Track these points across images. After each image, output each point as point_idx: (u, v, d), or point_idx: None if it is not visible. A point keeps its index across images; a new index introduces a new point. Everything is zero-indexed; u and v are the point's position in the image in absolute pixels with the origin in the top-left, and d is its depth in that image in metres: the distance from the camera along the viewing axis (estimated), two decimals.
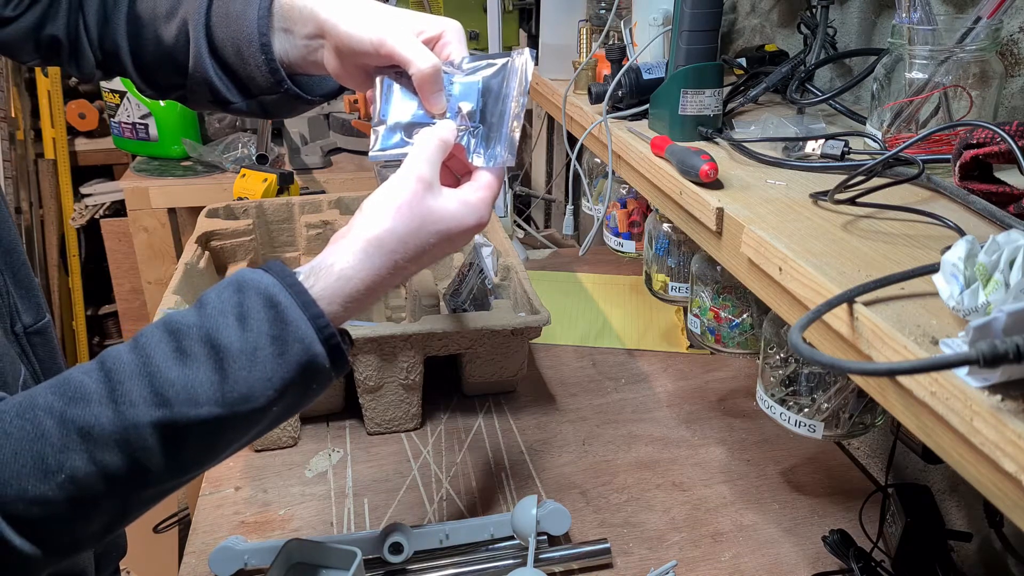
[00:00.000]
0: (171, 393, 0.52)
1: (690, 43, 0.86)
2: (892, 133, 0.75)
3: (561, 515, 0.90)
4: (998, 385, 0.41)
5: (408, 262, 0.60)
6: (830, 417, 0.85)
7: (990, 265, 0.43)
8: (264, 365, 0.54)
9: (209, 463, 0.58)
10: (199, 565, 0.89)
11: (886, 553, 0.85)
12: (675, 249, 1.19)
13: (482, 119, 0.67)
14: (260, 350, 0.54)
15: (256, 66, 0.71)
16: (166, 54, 0.75)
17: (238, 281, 0.56)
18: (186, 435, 0.53)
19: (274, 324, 0.54)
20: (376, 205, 0.60)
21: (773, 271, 0.62)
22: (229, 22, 0.72)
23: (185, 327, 0.54)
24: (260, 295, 0.55)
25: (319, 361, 0.55)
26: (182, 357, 0.53)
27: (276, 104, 0.75)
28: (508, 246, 1.29)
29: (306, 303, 0.55)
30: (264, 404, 0.54)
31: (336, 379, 0.59)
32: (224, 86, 0.74)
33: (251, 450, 1.08)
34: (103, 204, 2.69)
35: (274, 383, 0.54)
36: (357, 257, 0.58)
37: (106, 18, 0.76)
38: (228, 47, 0.73)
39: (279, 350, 0.54)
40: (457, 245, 0.64)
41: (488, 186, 0.65)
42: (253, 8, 0.71)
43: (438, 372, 1.17)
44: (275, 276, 0.56)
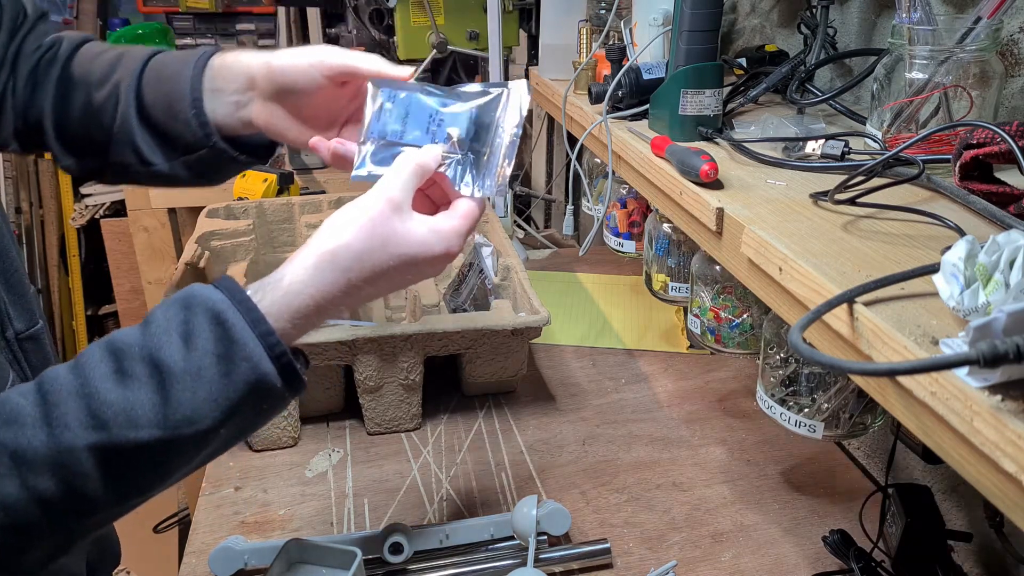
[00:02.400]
0: (109, 415, 0.50)
1: (690, 43, 0.86)
2: (892, 133, 0.75)
3: (561, 515, 0.90)
4: (998, 385, 0.41)
5: (364, 282, 0.58)
6: (830, 417, 0.85)
7: (990, 265, 0.43)
8: (210, 385, 0.52)
9: (156, 488, 0.55)
10: (199, 565, 0.89)
11: (886, 553, 0.85)
12: (675, 249, 1.19)
13: (472, 148, 0.66)
14: (205, 370, 0.52)
15: (185, 121, 0.70)
16: (93, 117, 0.74)
17: (185, 298, 0.54)
18: (126, 459, 0.51)
19: (220, 343, 0.52)
20: (337, 220, 0.59)
21: (773, 271, 0.62)
22: (162, 81, 0.72)
23: (127, 346, 0.52)
24: (207, 312, 0.53)
25: (269, 380, 0.53)
26: (122, 378, 0.51)
27: (201, 163, 0.73)
28: (508, 246, 1.30)
29: (255, 320, 0.53)
30: (210, 426, 0.52)
31: (291, 399, 0.57)
32: (147, 146, 0.72)
33: (251, 450, 1.08)
34: (103, 204, 2.69)
35: (220, 404, 0.52)
36: (308, 271, 0.56)
37: (36, 82, 0.75)
38: (158, 105, 0.72)
39: (225, 370, 0.52)
40: (423, 272, 0.61)
41: (465, 216, 0.62)
42: (188, 68, 0.71)
43: (438, 372, 1.17)
44: (224, 292, 0.54)
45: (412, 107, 0.66)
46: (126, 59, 0.74)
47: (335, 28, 2.60)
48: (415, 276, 0.61)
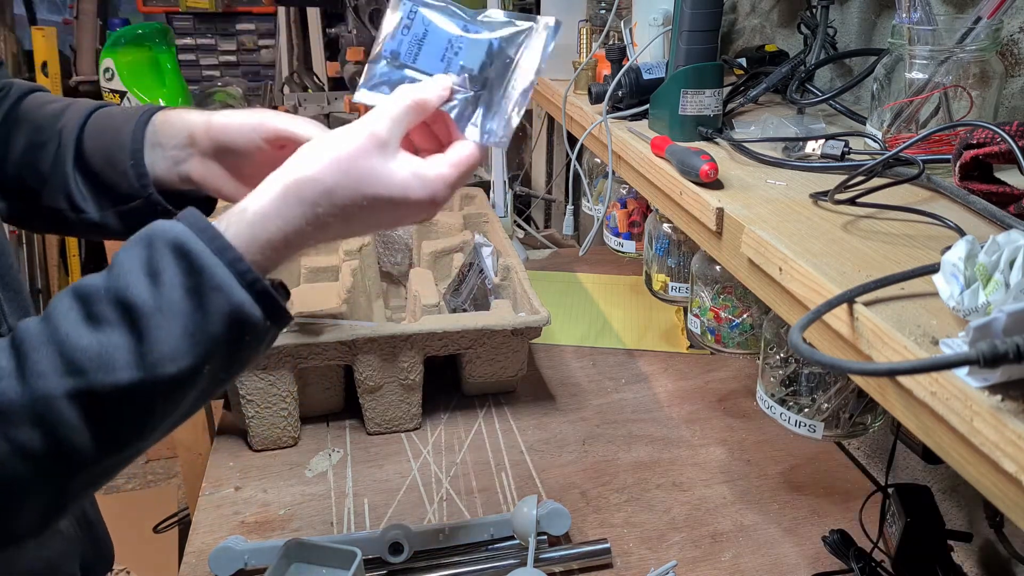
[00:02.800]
0: (84, 360, 0.48)
1: (690, 43, 0.86)
2: (892, 133, 0.75)
3: (561, 515, 0.90)
4: (998, 385, 0.41)
5: (333, 218, 0.55)
6: (830, 417, 0.85)
7: (990, 265, 0.43)
8: (184, 320, 0.50)
9: (147, 436, 0.53)
10: (199, 565, 0.89)
11: (886, 553, 0.85)
12: (675, 249, 1.19)
13: (485, 85, 0.59)
14: (177, 304, 0.50)
15: (123, 172, 0.69)
16: (30, 161, 0.73)
17: (147, 235, 0.52)
18: (108, 405, 0.49)
19: (188, 275, 0.50)
20: (309, 150, 0.56)
21: (773, 271, 0.62)
22: (105, 132, 0.71)
23: (94, 290, 0.50)
24: (169, 245, 0.50)
25: (246, 310, 0.51)
26: (93, 322, 0.49)
27: (134, 215, 0.71)
28: (508, 246, 1.29)
29: (221, 248, 0.51)
30: (192, 363, 0.50)
31: (276, 331, 0.55)
32: (80, 194, 0.71)
33: (251, 450, 1.08)
34: None
35: (197, 338, 0.50)
36: (273, 202, 0.54)
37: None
38: (98, 154, 0.71)
39: (197, 302, 0.50)
40: (403, 218, 0.58)
41: (457, 164, 0.58)
42: (131, 121, 0.71)
43: (438, 372, 1.17)
44: (186, 223, 0.52)
45: (431, 29, 0.60)
46: (72, 109, 0.74)
47: (335, 28, 2.60)
48: (394, 219, 0.58)
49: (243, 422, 1.06)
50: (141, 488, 2.65)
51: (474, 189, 1.52)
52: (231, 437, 1.11)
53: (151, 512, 2.36)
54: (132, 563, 2.04)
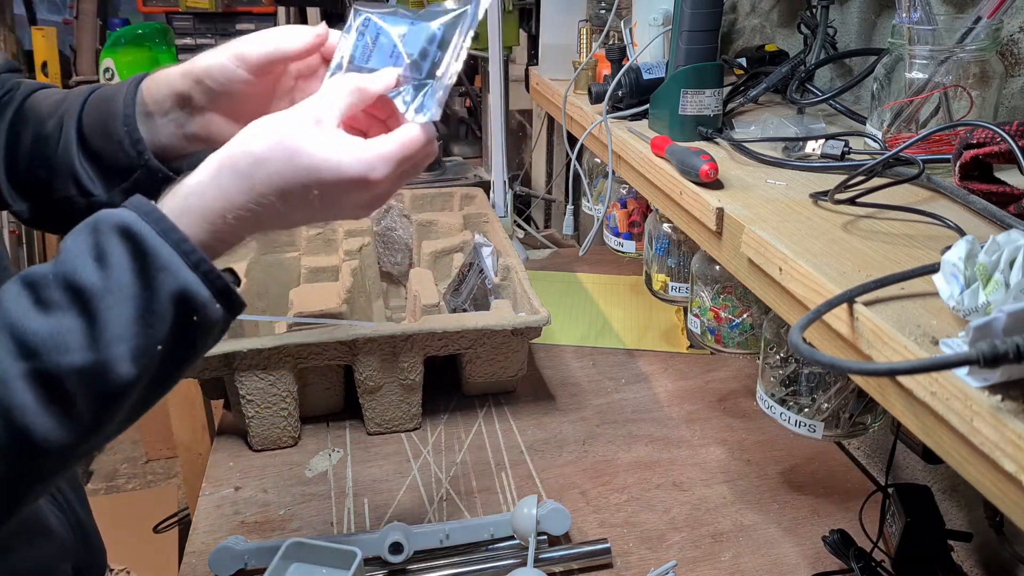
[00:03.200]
0: (37, 343, 0.48)
1: (690, 43, 0.86)
2: (892, 133, 0.75)
3: (561, 515, 0.90)
4: (998, 385, 0.41)
5: (271, 193, 0.55)
6: (830, 417, 0.85)
7: (990, 265, 0.43)
8: (133, 300, 0.50)
9: (105, 421, 0.52)
10: (199, 565, 0.89)
11: (886, 553, 0.85)
12: (675, 249, 1.19)
13: (429, 72, 0.60)
14: (126, 286, 0.50)
15: (119, 141, 0.69)
16: (39, 151, 0.73)
17: (93, 221, 0.52)
18: (65, 388, 0.49)
19: (134, 256, 0.51)
20: (246, 128, 0.56)
21: (773, 271, 0.62)
22: (99, 106, 0.71)
23: (41, 276, 0.50)
24: (115, 229, 0.51)
25: (193, 289, 0.51)
26: (43, 307, 0.49)
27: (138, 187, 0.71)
28: (508, 246, 1.29)
29: (166, 229, 0.52)
30: (144, 342, 0.51)
31: (227, 315, 0.55)
32: (87, 176, 0.71)
33: (251, 450, 1.08)
34: None
35: (147, 318, 0.50)
36: (207, 174, 0.55)
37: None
38: (96, 130, 0.71)
39: (145, 282, 0.50)
40: (338, 198, 0.57)
41: (394, 141, 0.57)
42: (121, 89, 0.70)
43: (438, 372, 1.17)
44: (131, 208, 0.52)
45: (381, 32, 0.63)
46: (73, 95, 0.74)
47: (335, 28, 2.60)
48: (331, 200, 0.57)
49: (243, 422, 1.06)
50: (141, 488, 2.65)
51: (474, 189, 1.52)
52: (231, 437, 1.11)
53: (151, 512, 2.36)
54: (132, 563, 2.04)
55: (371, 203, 0.59)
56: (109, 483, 2.67)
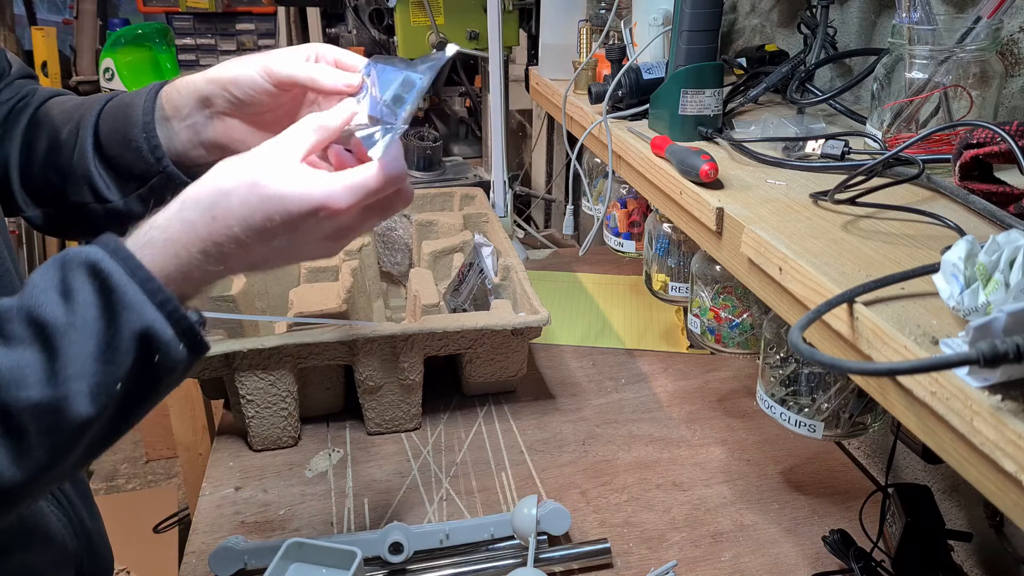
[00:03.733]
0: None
1: (690, 43, 0.86)
2: (892, 133, 0.75)
3: (561, 515, 0.90)
4: (998, 385, 0.41)
5: (234, 222, 0.54)
6: (830, 417, 0.85)
7: (990, 265, 0.43)
8: (95, 337, 0.50)
9: (62, 458, 0.51)
10: (199, 565, 0.89)
11: (886, 553, 0.85)
12: (675, 249, 1.19)
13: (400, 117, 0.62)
14: (89, 322, 0.50)
15: (137, 148, 0.69)
16: (53, 159, 0.74)
17: (61, 256, 0.52)
18: (22, 423, 0.48)
19: (100, 294, 0.50)
20: (214, 167, 0.57)
21: (773, 271, 0.62)
22: (117, 113, 0.72)
23: (5, 310, 0.50)
24: (83, 265, 0.51)
25: (157, 328, 0.51)
26: (4, 341, 0.49)
27: (154, 193, 0.72)
28: (508, 246, 1.29)
29: (134, 268, 0.51)
30: (103, 379, 0.50)
31: (191, 357, 0.54)
32: (103, 182, 0.72)
33: (251, 450, 1.08)
34: None
35: (108, 356, 0.50)
36: (173, 210, 0.55)
37: (5, 130, 0.75)
38: (114, 137, 0.72)
39: (108, 320, 0.50)
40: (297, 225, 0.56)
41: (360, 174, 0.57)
42: (140, 97, 0.71)
43: (438, 372, 1.17)
44: (100, 245, 0.52)
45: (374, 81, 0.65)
46: (89, 102, 0.75)
47: (335, 28, 2.60)
48: (291, 228, 0.56)
49: (243, 422, 1.06)
50: (141, 488, 2.65)
51: (474, 189, 1.52)
52: (231, 437, 1.11)
53: (151, 512, 2.36)
54: (132, 563, 2.04)
55: (335, 236, 0.59)
56: (109, 483, 2.67)
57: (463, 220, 1.43)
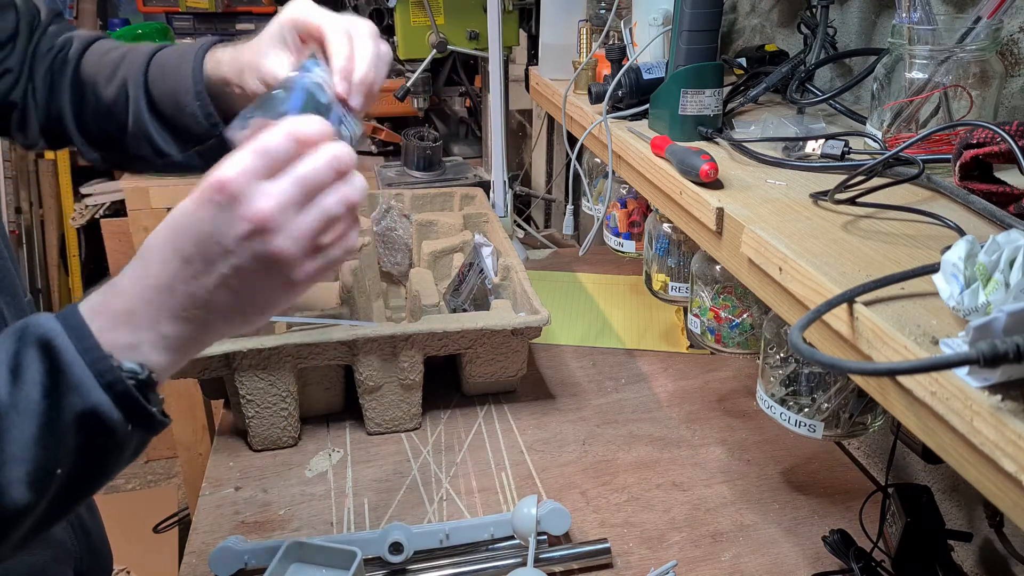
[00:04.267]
0: None
1: (690, 43, 0.86)
2: (892, 133, 0.75)
3: (561, 515, 0.90)
4: (998, 385, 0.41)
5: (167, 246, 0.50)
6: (830, 417, 0.85)
7: (990, 265, 0.43)
8: (37, 420, 0.47)
9: (9, 536, 0.49)
10: (199, 565, 0.89)
11: (886, 553, 0.85)
12: (675, 249, 1.19)
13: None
14: (33, 404, 0.47)
15: (192, 115, 0.71)
16: (106, 113, 0.77)
17: (21, 327, 0.49)
18: None
19: (49, 373, 0.47)
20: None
21: (773, 271, 0.62)
22: (165, 76, 0.74)
23: None
24: (37, 341, 0.48)
25: (102, 410, 0.48)
26: None
27: (212, 152, 0.72)
28: (508, 246, 1.29)
29: (88, 347, 0.48)
30: (42, 467, 0.47)
31: (143, 435, 0.51)
32: (162, 139, 0.75)
33: (251, 450, 1.08)
34: (103, 204, 2.69)
35: (47, 440, 0.47)
36: (131, 264, 0.51)
37: (52, 83, 0.78)
38: (165, 100, 0.74)
39: (53, 402, 0.47)
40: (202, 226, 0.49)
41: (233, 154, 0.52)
42: (188, 63, 0.73)
43: (438, 372, 1.17)
44: (59, 320, 0.49)
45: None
46: (130, 56, 0.77)
47: None
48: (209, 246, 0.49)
49: (243, 422, 1.06)
50: (141, 488, 2.65)
51: (474, 189, 1.52)
52: (231, 437, 1.11)
53: (151, 512, 2.36)
54: (132, 563, 2.04)
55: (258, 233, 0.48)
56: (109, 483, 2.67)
57: (463, 220, 1.43)
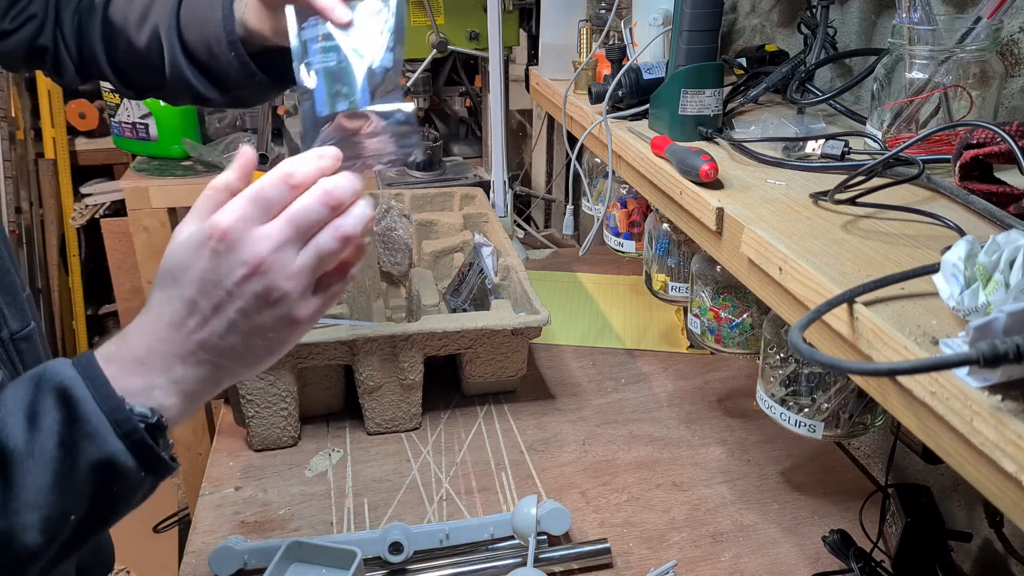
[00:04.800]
0: None
1: (690, 43, 0.86)
2: (892, 133, 0.75)
3: (561, 515, 0.90)
4: (998, 385, 0.41)
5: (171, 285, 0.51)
6: (830, 417, 0.85)
7: (990, 265, 0.43)
8: (53, 467, 0.48)
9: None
10: (199, 565, 0.89)
11: (886, 553, 0.85)
12: (675, 249, 1.19)
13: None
14: (49, 452, 0.48)
15: (227, 62, 0.74)
16: (140, 58, 0.79)
17: (37, 374, 0.50)
18: None
19: (65, 422, 0.48)
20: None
21: (773, 271, 0.62)
22: (198, 25, 0.75)
23: None
24: (55, 389, 0.49)
25: (118, 459, 0.49)
26: None
27: (251, 94, 0.78)
28: (508, 246, 1.29)
29: (105, 395, 0.49)
30: (57, 513, 0.48)
31: (155, 480, 0.52)
32: (201, 84, 0.77)
33: (251, 450, 1.08)
34: (103, 204, 2.69)
35: (63, 488, 0.48)
36: (141, 313, 0.52)
37: (80, 27, 0.80)
38: (200, 48, 0.76)
39: (69, 450, 0.48)
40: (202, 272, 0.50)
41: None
42: (217, 10, 0.74)
43: (438, 372, 1.17)
44: (77, 367, 0.50)
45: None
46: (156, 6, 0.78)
47: None
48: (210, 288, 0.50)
49: (243, 422, 1.06)
50: None
51: (474, 189, 1.52)
52: (231, 437, 1.11)
53: (151, 512, 2.36)
54: (132, 563, 2.04)
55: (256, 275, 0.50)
56: None
57: (463, 220, 1.43)
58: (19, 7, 0.78)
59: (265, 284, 0.50)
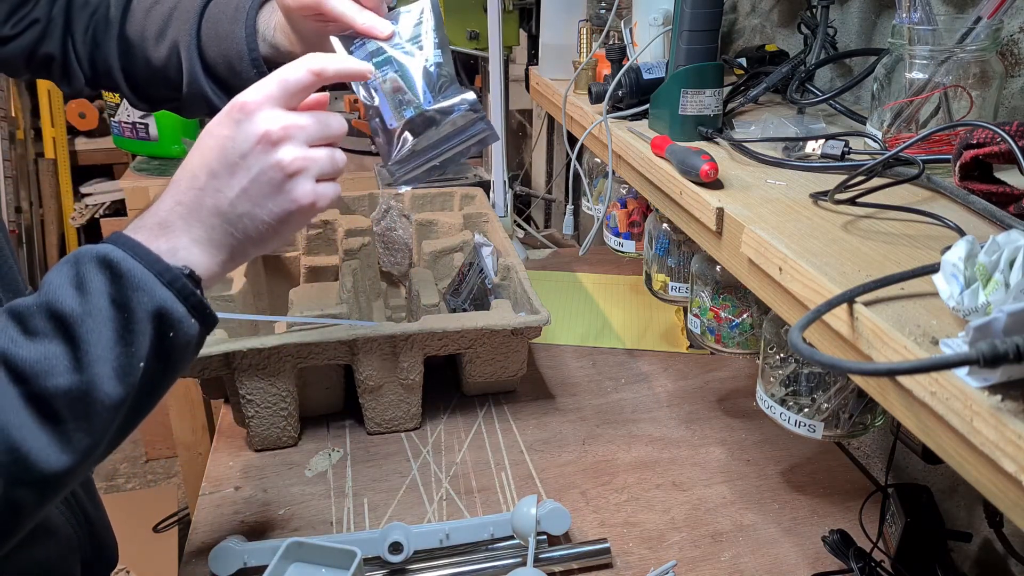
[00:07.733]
0: (26, 369, 0.51)
1: (690, 43, 0.86)
2: (892, 133, 0.75)
3: (561, 515, 0.90)
4: (998, 385, 0.41)
5: (195, 159, 0.59)
6: (830, 417, 0.85)
7: (990, 265, 0.43)
8: (112, 322, 0.53)
9: (100, 440, 0.55)
10: (199, 565, 0.89)
11: (886, 553, 0.85)
12: (675, 249, 1.19)
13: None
14: (104, 309, 0.53)
15: (248, 79, 0.73)
16: (157, 73, 0.79)
17: (75, 255, 0.56)
18: (56, 409, 0.52)
19: (111, 282, 0.54)
20: None
21: (773, 271, 0.62)
22: (219, 41, 0.76)
23: (26, 308, 0.53)
24: (94, 259, 0.54)
25: (168, 306, 0.55)
26: (30, 336, 0.52)
27: None
28: (508, 246, 1.29)
29: (140, 253, 0.55)
30: (126, 362, 0.53)
31: (203, 330, 0.58)
32: (219, 99, 0.77)
33: (251, 450, 1.08)
34: (103, 204, 2.70)
35: (127, 338, 0.53)
36: (165, 190, 0.59)
37: (96, 41, 0.80)
38: (220, 64, 0.76)
39: (122, 304, 0.54)
40: (225, 142, 0.58)
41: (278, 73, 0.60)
42: (240, 26, 0.74)
43: (438, 372, 1.17)
44: (110, 240, 0.56)
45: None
46: (179, 14, 0.79)
47: None
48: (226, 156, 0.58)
49: (243, 422, 1.06)
50: (141, 488, 2.65)
51: (474, 189, 1.52)
52: (231, 437, 1.11)
53: (151, 512, 2.37)
54: (132, 563, 2.04)
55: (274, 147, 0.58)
56: (109, 483, 2.67)
57: (463, 220, 1.43)
58: (21, 13, 0.79)
59: (276, 156, 0.58)
